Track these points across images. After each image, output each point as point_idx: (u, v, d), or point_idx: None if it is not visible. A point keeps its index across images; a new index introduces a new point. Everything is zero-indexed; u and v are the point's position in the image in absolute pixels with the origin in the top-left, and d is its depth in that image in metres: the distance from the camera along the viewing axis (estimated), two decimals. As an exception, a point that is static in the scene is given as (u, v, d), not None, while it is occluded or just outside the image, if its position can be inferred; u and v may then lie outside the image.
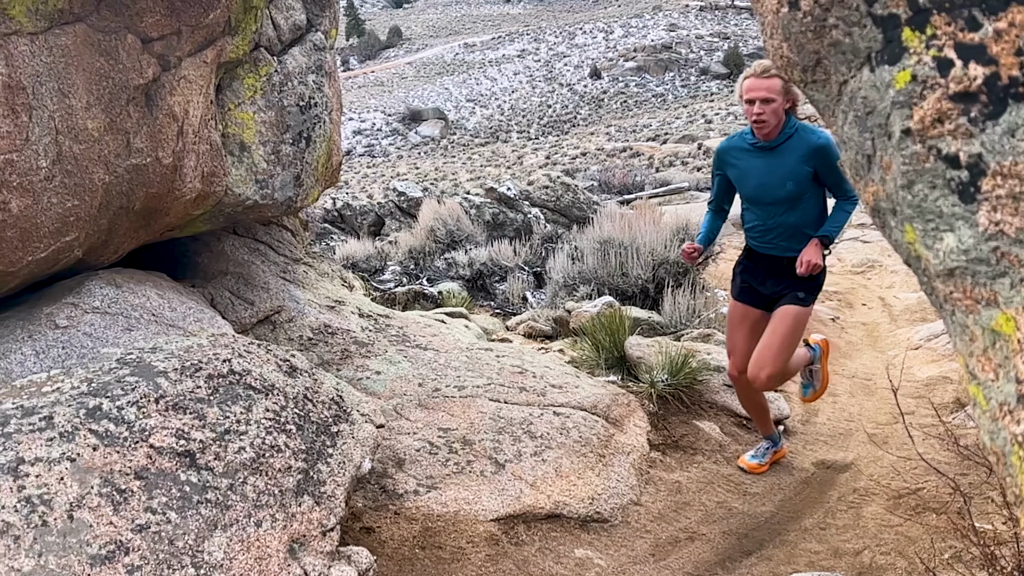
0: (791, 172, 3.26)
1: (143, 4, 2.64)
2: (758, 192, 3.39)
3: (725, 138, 3.71)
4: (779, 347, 3.33)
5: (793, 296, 3.37)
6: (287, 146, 3.68)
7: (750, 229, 3.54)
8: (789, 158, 3.26)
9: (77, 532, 1.87)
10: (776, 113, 3.21)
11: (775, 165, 3.29)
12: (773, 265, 3.45)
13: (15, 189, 2.38)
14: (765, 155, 3.32)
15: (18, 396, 2.24)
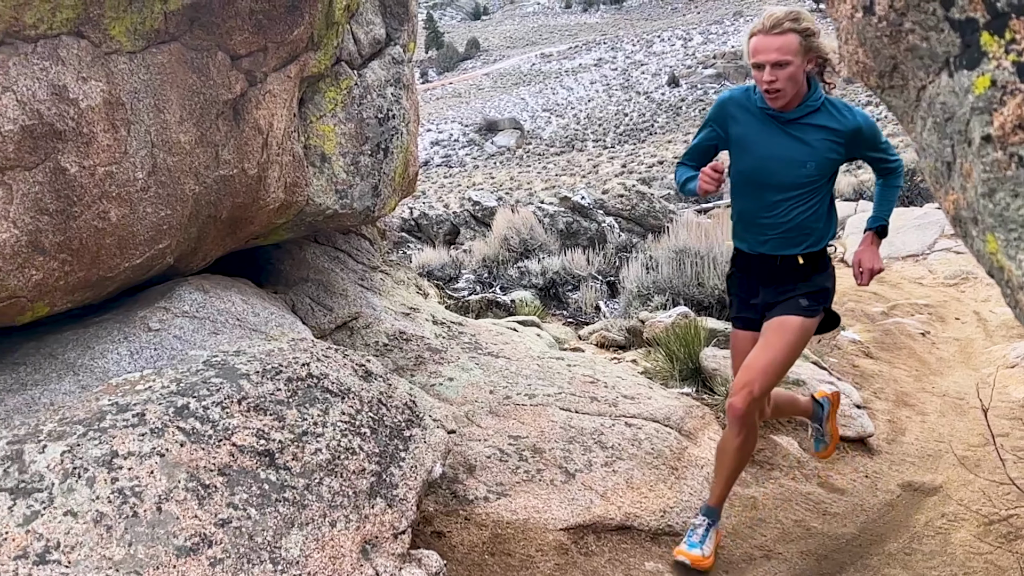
0: (814, 153, 2.63)
1: (233, 23, 2.77)
2: (762, 169, 2.70)
3: (730, 89, 2.96)
4: (770, 361, 2.69)
5: (793, 303, 2.74)
6: (366, 157, 3.78)
7: (740, 221, 2.85)
8: (813, 136, 2.63)
9: (165, 524, 1.97)
10: (793, 79, 2.54)
11: (792, 140, 2.65)
12: (765, 268, 2.80)
13: (114, 199, 2.53)
14: (779, 126, 2.67)
15: (114, 393, 2.38)
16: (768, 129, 2.69)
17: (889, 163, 2.79)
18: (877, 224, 2.79)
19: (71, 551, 1.83)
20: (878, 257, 2.77)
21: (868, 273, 2.76)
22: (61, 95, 2.29)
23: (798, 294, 2.76)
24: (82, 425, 2.18)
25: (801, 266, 2.76)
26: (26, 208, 2.30)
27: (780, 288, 2.80)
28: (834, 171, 2.73)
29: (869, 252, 2.76)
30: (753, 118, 2.71)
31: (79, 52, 2.34)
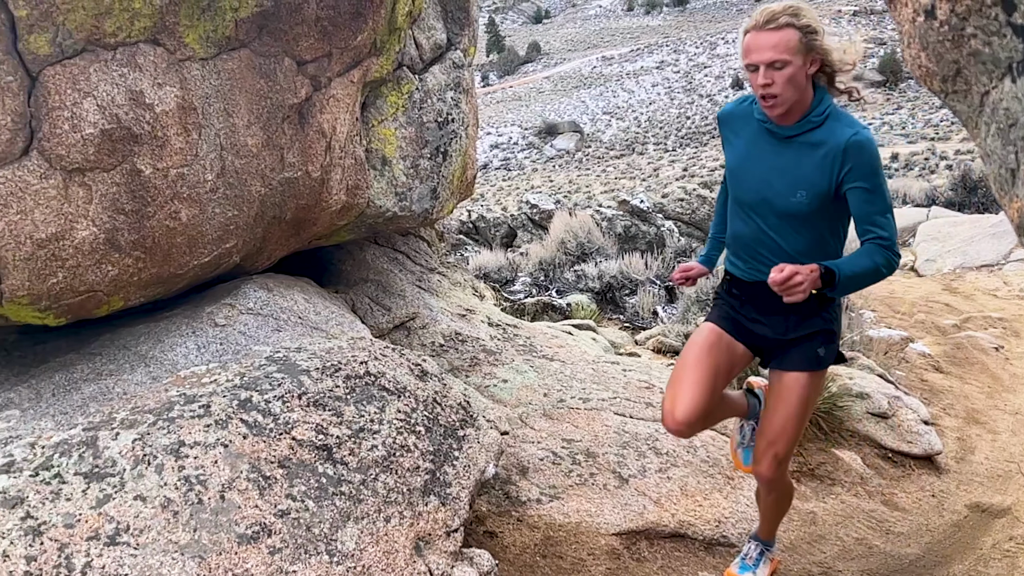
0: (805, 178, 2.25)
1: (299, 30, 2.86)
2: (755, 192, 2.36)
3: (733, 100, 2.60)
4: (789, 418, 2.42)
5: (809, 354, 2.41)
6: (425, 160, 3.84)
7: (735, 244, 2.50)
8: (809, 158, 2.24)
9: (227, 512, 2.04)
10: (793, 83, 2.17)
11: (788, 160, 2.28)
12: (766, 299, 2.35)
13: (185, 200, 2.64)
14: (777, 142, 2.31)
15: (182, 385, 2.48)
16: (764, 146, 2.34)
17: (878, 225, 2.20)
18: (828, 265, 2.13)
19: (140, 534, 1.91)
20: (806, 281, 2.07)
21: (783, 278, 2.05)
22: (138, 100, 2.40)
23: (813, 337, 2.41)
24: (152, 414, 2.28)
25: (811, 300, 2.26)
26: (104, 208, 2.41)
27: (788, 322, 2.43)
28: (837, 203, 2.28)
29: (803, 271, 2.07)
30: (751, 132, 2.38)
31: (155, 59, 2.45)
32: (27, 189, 2.24)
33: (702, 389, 2.40)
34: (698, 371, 2.43)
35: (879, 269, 2.18)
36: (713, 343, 2.49)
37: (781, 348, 2.47)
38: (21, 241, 2.27)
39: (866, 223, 2.23)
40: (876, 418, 4.14)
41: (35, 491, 1.95)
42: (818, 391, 2.52)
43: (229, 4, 2.56)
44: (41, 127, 2.24)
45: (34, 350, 2.81)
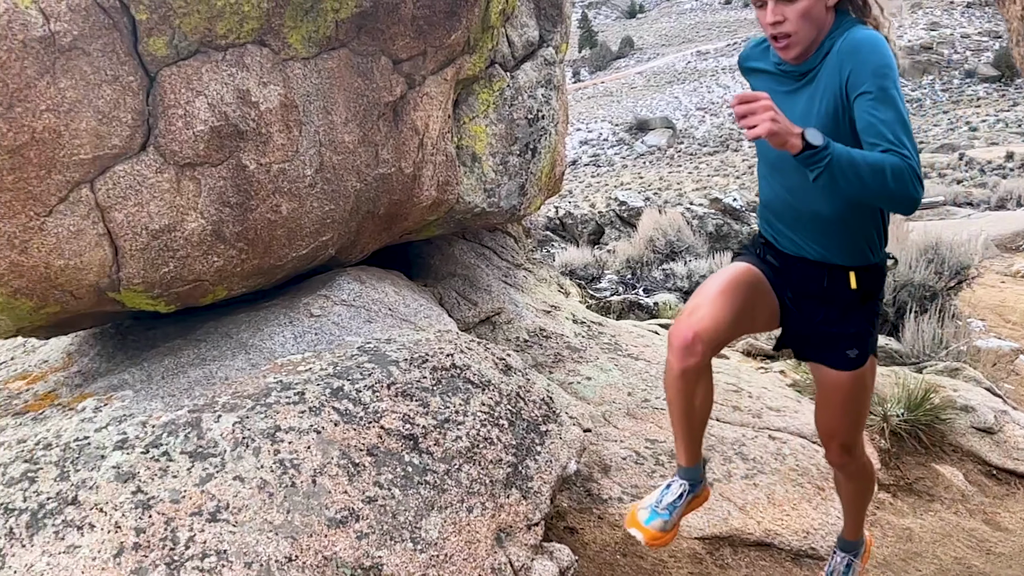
0: (820, 116, 1.88)
1: (396, 29, 2.93)
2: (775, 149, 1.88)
3: (751, 40, 2.24)
4: (845, 414, 2.25)
5: (839, 354, 2.13)
6: (514, 157, 3.87)
7: (765, 210, 2.18)
8: (822, 91, 1.89)
9: (318, 496, 2.13)
10: (810, 19, 1.83)
11: (804, 103, 1.93)
12: (806, 276, 2.10)
13: (285, 194, 2.75)
14: (794, 82, 1.96)
15: (279, 373, 2.59)
16: (784, 91, 1.97)
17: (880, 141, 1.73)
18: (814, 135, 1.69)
19: (238, 512, 2.02)
20: (780, 129, 1.67)
21: (746, 107, 1.68)
22: (245, 99, 2.52)
23: (844, 338, 2.12)
24: (251, 400, 2.39)
25: (853, 292, 2.07)
26: (212, 201, 2.55)
27: (822, 312, 2.12)
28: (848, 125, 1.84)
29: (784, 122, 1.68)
30: (769, 78, 2.04)
31: (261, 59, 2.57)
32: (144, 183, 2.39)
33: (727, 311, 2.01)
34: (721, 292, 2.05)
35: (885, 169, 1.67)
36: (749, 280, 2.12)
37: (810, 338, 2.18)
38: (137, 232, 2.42)
39: (871, 135, 1.73)
40: (981, 433, 3.91)
41: (145, 467, 2.09)
42: (865, 382, 2.21)
43: (330, 5, 2.66)
44: (157, 124, 2.38)
45: (146, 335, 2.99)
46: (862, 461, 2.44)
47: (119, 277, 2.46)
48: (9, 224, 2.19)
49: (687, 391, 2.08)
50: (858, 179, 1.69)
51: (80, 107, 2.19)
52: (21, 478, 2.06)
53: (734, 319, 2.04)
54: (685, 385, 2.07)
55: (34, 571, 1.82)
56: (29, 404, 2.57)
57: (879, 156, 1.69)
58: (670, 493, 2.22)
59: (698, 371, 2.03)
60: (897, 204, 1.73)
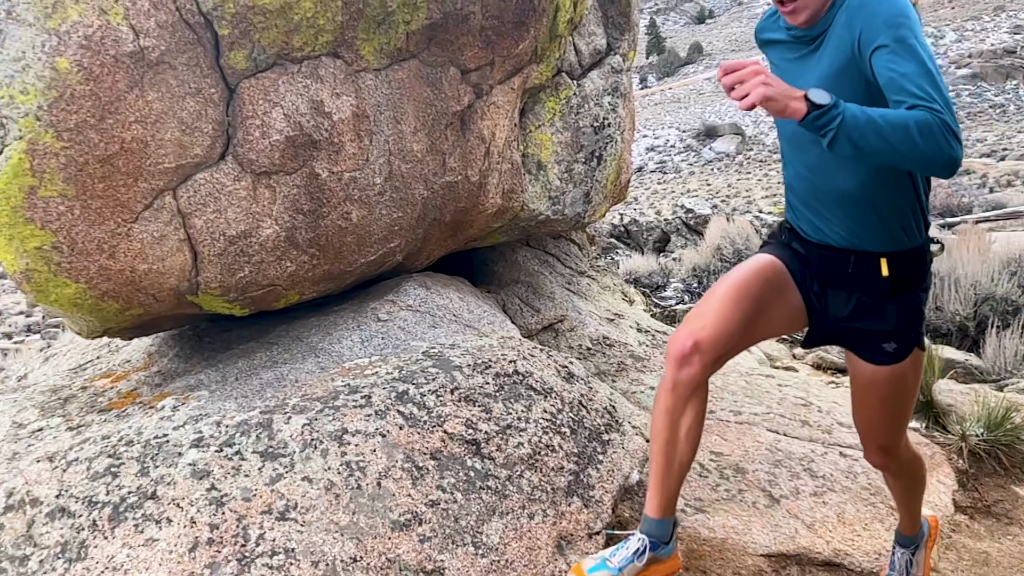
0: (831, 80, 1.73)
1: (465, 39, 2.97)
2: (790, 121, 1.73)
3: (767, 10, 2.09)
4: (884, 413, 2.06)
5: (875, 348, 1.94)
6: (579, 165, 3.87)
7: (789, 192, 2.01)
8: (832, 52, 1.75)
9: (383, 498, 2.17)
10: None
11: (815, 68, 1.80)
12: (832, 265, 1.91)
13: (356, 202, 2.82)
14: (805, 47, 1.84)
15: (346, 376, 2.65)
16: (794, 58, 1.87)
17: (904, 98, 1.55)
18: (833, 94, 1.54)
19: (306, 512, 2.07)
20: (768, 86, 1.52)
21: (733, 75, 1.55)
22: (319, 109, 2.59)
23: (879, 333, 1.92)
24: (320, 402, 2.46)
25: (886, 280, 1.86)
26: (286, 208, 2.63)
27: (852, 303, 1.92)
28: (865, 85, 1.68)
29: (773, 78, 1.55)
30: (783, 47, 1.92)
31: (334, 70, 2.64)
32: (222, 190, 2.49)
33: (735, 318, 1.84)
34: (738, 297, 1.87)
35: (910, 126, 1.48)
36: (766, 277, 1.93)
37: (841, 334, 2.00)
38: (216, 237, 2.52)
39: (894, 92, 1.56)
40: (1072, 456, 3.70)
41: (219, 465, 2.17)
42: (906, 380, 1.98)
43: (402, 18, 2.71)
44: (236, 134, 2.48)
45: (221, 337, 3.11)
46: (907, 458, 2.26)
47: (198, 281, 2.56)
48: (99, 230, 2.31)
49: (675, 411, 1.86)
50: (880, 139, 1.50)
51: (165, 118, 2.29)
52: (105, 472, 2.16)
53: (743, 326, 1.86)
54: (675, 402, 1.86)
55: (115, 562, 1.91)
56: (113, 402, 2.70)
57: (902, 112, 1.51)
58: (626, 548, 1.93)
59: (692, 386, 1.84)
60: (931, 166, 1.53)
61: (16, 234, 2.21)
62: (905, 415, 2.12)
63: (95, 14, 2.10)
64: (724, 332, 1.83)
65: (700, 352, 1.82)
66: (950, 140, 1.49)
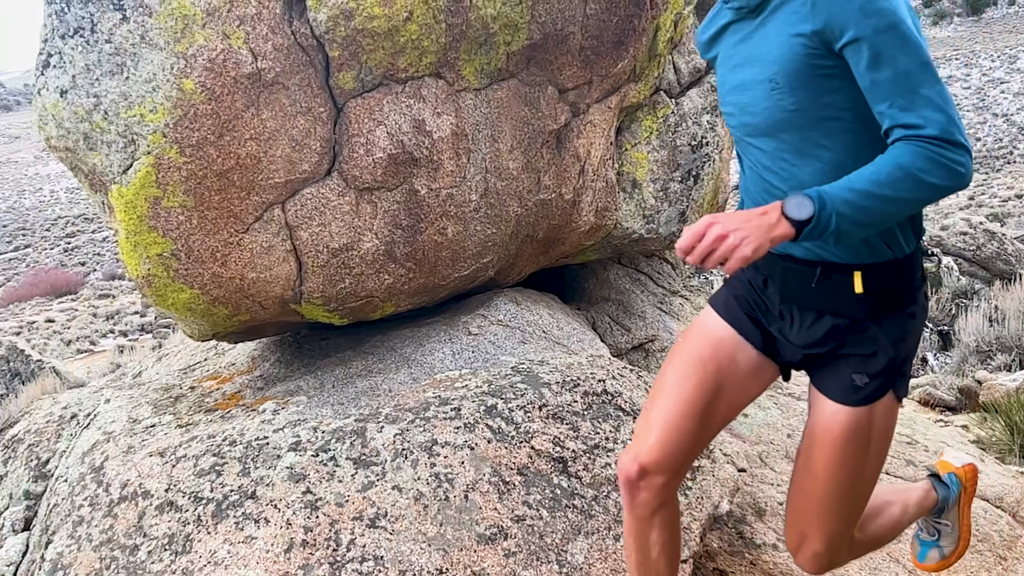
0: (776, 57, 1.46)
1: (564, 59, 3.00)
2: (735, 107, 1.59)
3: None
4: (832, 488, 1.58)
5: (841, 382, 1.55)
6: (675, 183, 3.83)
7: (745, 198, 1.67)
8: (778, 27, 1.46)
9: (469, 511, 2.19)
10: None
11: (757, 44, 1.52)
12: (796, 280, 1.58)
13: (452, 218, 2.88)
14: (747, 24, 1.55)
15: (437, 388, 2.70)
16: (737, 39, 1.57)
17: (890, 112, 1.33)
18: (808, 193, 1.29)
19: (395, 521, 2.12)
20: (716, 230, 1.26)
21: (690, 239, 1.28)
22: (420, 128, 2.67)
23: (855, 358, 1.54)
24: (411, 412, 2.51)
25: (859, 298, 1.52)
26: (385, 223, 2.72)
27: (823, 325, 1.57)
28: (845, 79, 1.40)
29: (749, 219, 1.27)
30: (725, 35, 1.62)
31: (436, 90, 2.71)
32: (327, 205, 2.59)
33: (684, 422, 1.59)
34: (679, 392, 1.62)
35: (905, 171, 1.26)
36: (712, 347, 1.66)
37: (812, 363, 1.62)
38: (319, 250, 2.62)
39: (876, 103, 1.34)
40: None
41: (315, 470, 2.25)
42: (871, 434, 1.54)
43: (503, 39, 2.76)
44: (342, 151, 2.58)
45: (320, 344, 3.22)
46: (858, 555, 1.80)
47: (301, 291, 2.68)
48: (213, 239, 2.44)
49: (640, 533, 1.66)
50: (887, 205, 1.28)
51: (278, 136, 2.41)
52: (210, 470, 2.28)
53: (697, 428, 1.61)
54: (638, 525, 1.65)
55: (216, 557, 2.01)
56: (218, 402, 2.84)
57: (890, 158, 1.28)
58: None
59: (652, 507, 1.62)
60: (946, 192, 1.30)
61: (140, 241, 2.37)
62: (862, 498, 1.62)
63: (219, 38, 2.24)
64: (674, 447, 1.61)
65: (649, 476, 1.60)
66: (954, 158, 1.28)
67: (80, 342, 18.73)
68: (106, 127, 2.28)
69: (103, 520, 2.19)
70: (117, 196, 2.33)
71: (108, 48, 2.24)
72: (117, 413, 2.78)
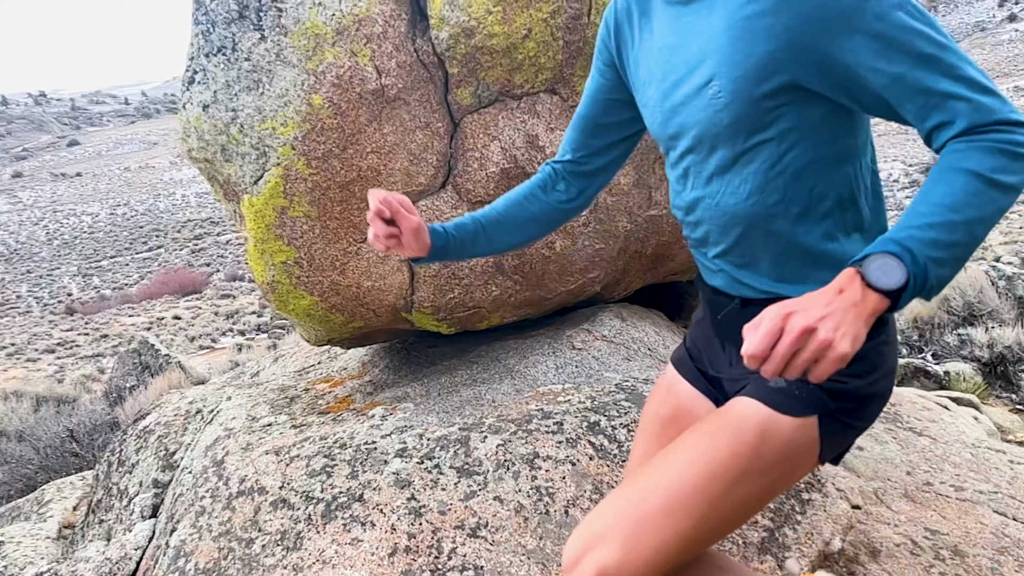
0: (715, 50, 1.15)
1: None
2: (660, 113, 1.29)
3: None
4: (674, 489, 1.17)
5: (761, 384, 1.23)
6: (793, 203, 3.70)
7: (681, 221, 1.39)
8: (719, 16, 1.14)
9: (569, 526, 2.18)
10: None
11: (688, 35, 1.20)
12: (726, 317, 1.35)
13: (560, 232, 2.89)
14: (675, 9, 1.24)
15: (540, 400, 2.71)
16: (661, 28, 1.27)
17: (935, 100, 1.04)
18: (875, 251, 0.99)
19: (495, 532, 2.14)
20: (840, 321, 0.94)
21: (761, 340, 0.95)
22: (533, 143, 2.69)
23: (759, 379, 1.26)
24: (514, 424, 2.53)
25: None
26: (495, 236, 2.75)
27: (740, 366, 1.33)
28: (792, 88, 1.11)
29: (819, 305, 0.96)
30: (663, 18, 1.28)
31: (551, 106, 2.73)
32: (440, 217, 2.65)
33: None
34: (649, 448, 1.44)
35: (991, 181, 1.00)
36: (667, 404, 1.46)
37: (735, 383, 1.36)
38: (431, 260, 2.69)
39: (906, 102, 1.05)
40: None
41: (420, 477, 2.30)
42: (760, 459, 1.17)
43: (619, 55, 2.76)
44: (456, 165, 2.64)
45: (427, 352, 3.30)
46: None
47: (412, 300, 2.75)
48: (333, 248, 2.55)
49: None
50: (975, 231, 1.01)
51: (397, 150, 2.49)
52: (321, 471, 2.37)
53: None
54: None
55: (324, 556, 2.08)
56: (330, 405, 2.95)
57: (952, 170, 1.01)
58: None
59: None
60: None
61: (267, 248, 2.50)
62: (699, 523, 1.16)
63: (347, 56, 2.35)
64: None
65: None
66: (1018, 146, 1.01)
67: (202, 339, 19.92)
68: (241, 139, 2.42)
69: (222, 512, 2.31)
70: (248, 205, 2.47)
71: (247, 65, 2.38)
72: (238, 411, 2.94)
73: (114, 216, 65.18)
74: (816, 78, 1.10)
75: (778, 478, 1.18)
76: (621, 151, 1.52)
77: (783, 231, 1.21)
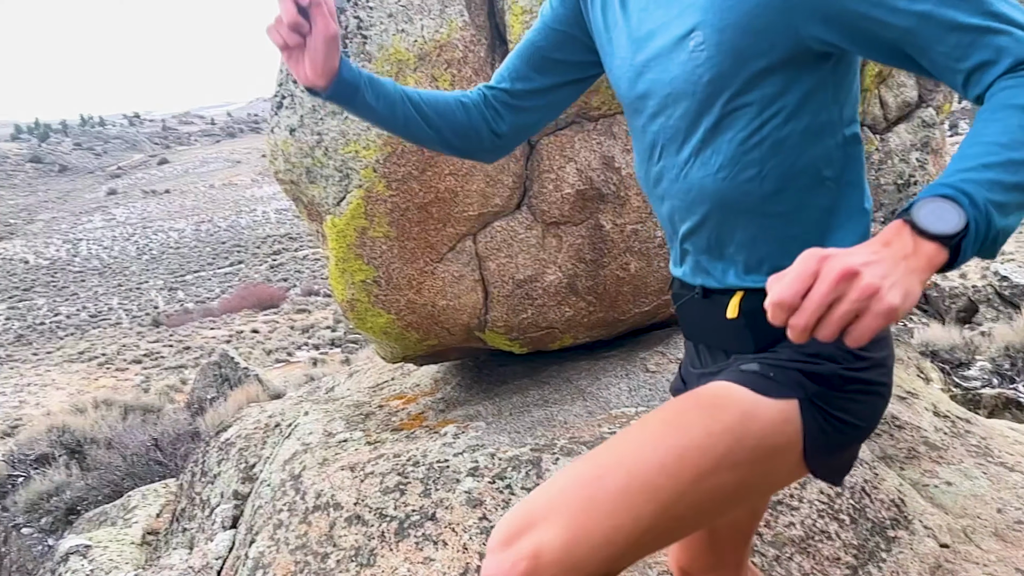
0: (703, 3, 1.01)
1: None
2: (625, 58, 1.15)
3: None
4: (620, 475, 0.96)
5: (734, 369, 1.09)
6: (877, 225, 3.57)
7: (648, 195, 1.23)
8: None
9: (642, 556, 2.14)
10: None
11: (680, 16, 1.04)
12: (693, 313, 1.22)
13: (635, 253, 2.86)
14: None
15: (612, 423, 2.68)
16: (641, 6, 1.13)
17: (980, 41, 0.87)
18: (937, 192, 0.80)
19: (567, 556, 2.11)
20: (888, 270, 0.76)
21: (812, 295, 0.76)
22: (609, 164, 2.69)
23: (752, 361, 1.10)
24: (586, 447, 2.50)
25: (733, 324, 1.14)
26: (569, 256, 2.75)
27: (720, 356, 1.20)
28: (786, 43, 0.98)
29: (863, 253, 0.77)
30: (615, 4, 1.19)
31: (627, 128, 2.72)
32: (515, 237, 2.67)
33: None
34: None
35: None
36: None
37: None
38: (505, 280, 2.71)
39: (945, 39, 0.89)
40: None
41: (491, 496, 2.30)
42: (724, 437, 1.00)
43: (697, 76, 2.73)
44: (532, 187, 2.65)
45: (498, 371, 3.31)
46: None
47: (486, 319, 2.77)
48: (410, 267, 2.60)
49: None
50: None
51: (474, 171, 2.53)
52: (394, 488, 2.40)
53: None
54: None
55: (397, 574, 2.10)
56: (404, 422, 2.99)
57: (1012, 108, 0.84)
58: None
59: None
60: None
61: (348, 267, 2.57)
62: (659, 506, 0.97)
63: (428, 81, 2.40)
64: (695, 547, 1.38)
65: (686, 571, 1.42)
66: None
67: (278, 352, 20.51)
68: (325, 162, 2.50)
69: (299, 526, 2.36)
70: (330, 226, 2.54)
71: (330, 91, 2.46)
72: (314, 426, 3.01)
73: (198, 232, 68.13)
74: (818, 27, 0.95)
75: (755, 470, 1.02)
76: (562, 97, 1.33)
77: (754, 211, 1.07)
